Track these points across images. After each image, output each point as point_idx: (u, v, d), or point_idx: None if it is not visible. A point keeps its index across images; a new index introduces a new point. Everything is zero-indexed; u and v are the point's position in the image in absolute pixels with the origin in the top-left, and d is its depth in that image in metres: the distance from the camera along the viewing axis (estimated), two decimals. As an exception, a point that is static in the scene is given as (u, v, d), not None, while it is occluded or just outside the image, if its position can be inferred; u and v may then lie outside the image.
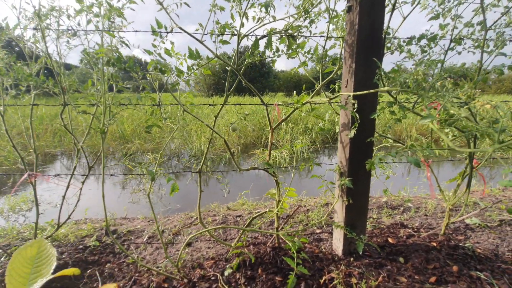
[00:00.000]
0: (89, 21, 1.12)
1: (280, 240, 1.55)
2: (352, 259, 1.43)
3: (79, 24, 1.40)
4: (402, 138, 6.70)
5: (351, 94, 1.27)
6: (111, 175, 1.55)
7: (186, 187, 3.81)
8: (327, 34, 1.46)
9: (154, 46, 1.22)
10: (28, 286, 0.43)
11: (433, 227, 1.85)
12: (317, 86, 1.52)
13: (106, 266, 1.51)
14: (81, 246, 1.69)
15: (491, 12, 1.42)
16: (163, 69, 1.11)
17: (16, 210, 3.06)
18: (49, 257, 0.49)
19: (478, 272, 1.33)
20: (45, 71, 1.48)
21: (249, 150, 5.78)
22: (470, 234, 1.79)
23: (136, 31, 1.34)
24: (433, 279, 1.27)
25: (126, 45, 1.14)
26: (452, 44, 1.45)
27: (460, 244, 1.57)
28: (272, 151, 1.58)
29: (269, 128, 1.46)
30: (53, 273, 0.46)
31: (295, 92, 1.61)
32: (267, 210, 1.46)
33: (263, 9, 1.27)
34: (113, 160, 5.28)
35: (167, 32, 1.24)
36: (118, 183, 3.94)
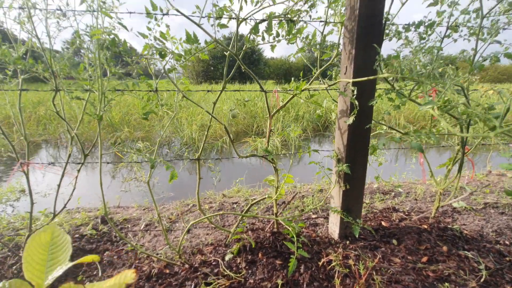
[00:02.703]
0: (83, 0, 1.05)
1: (279, 225, 1.58)
2: (348, 242, 1.48)
3: (67, 4, 1.33)
4: (389, 122, 6.85)
5: (351, 80, 1.28)
6: (108, 163, 1.52)
7: (179, 175, 3.79)
8: (326, 19, 1.44)
9: (149, 29, 1.17)
10: (47, 273, 0.43)
11: (423, 210, 1.93)
12: (314, 72, 1.51)
13: (105, 254, 1.51)
14: (77, 235, 1.67)
15: (484, 0, 1.44)
16: (162, 52, 1.07)
17: (3, 201, 2.97)
18: (64, 244, 0.48)
19: (466, 252, 1.41)
20: (32, 56, 1.40)
21: (241, 138, 5.77)
22: (457, 217, 1.88)
23: (130, 12, 1.28)
24: (425, 259, 1.33)
25: (124, 26, 1.09)
26: (448, 31, 1.46)
27: (449, 226, 1.65)
28: (264, 139, 1.58)
29: (268, 115, 1.46)
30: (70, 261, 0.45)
31: (292, 79, 1.59)
32: (266, 196, 1.48)
33: (263, -8, 1.24)
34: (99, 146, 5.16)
35: (163, 15, 1.20)
36: (108, 172, 3.87)
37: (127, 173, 3.86)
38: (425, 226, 1.60)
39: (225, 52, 1.30)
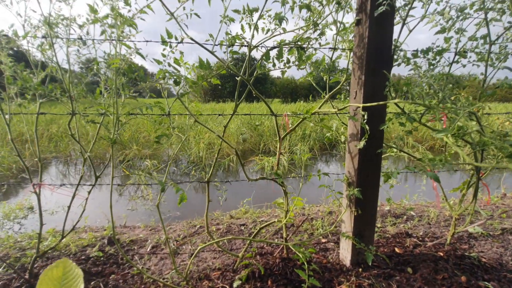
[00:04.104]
0: (103, 32, 1.11)
1: (289, 250, 1.54)
2: (360, 269, 1.43)
3: (87, 33, 1.40)
4: (399, 145, 6.77)
5: (361, 105, 1.28)
6: (119, 185, 1.53)
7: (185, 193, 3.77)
8: (334, 45, 1.47)
9: (164, 55, 1.22)
10: (62, 310, 0.43)
11: (437, 236, 1.87)
12: (323, 96, 1.53)
13: (111, 277, 1.48)
14: (83, 257, 1.65)
15: (491, 26, 1.45)
16: (177, 80, 1.11)
17: (11, 218, 2.98)
18: (76, 278, 0.48)
19: (486, 282, 1.34)
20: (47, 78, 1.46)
21: (247, 156, 5.77)
22: (473, 243, 1.80)
23: (147, 41, 1.34)
24: (442, 290, 1.27)
25: (141, 55, 1.14)
26: (457, 57, 1.48)
27: (466, 254, 1.58)
28: (271, 158, 1.58)
29: (278, 138, 1.46)
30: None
31: (298, 99, 1.61)
32: (276, 220, 1.46)
33: (274, 21, 1.29)
34: (109, 167, 5.21)
35: (178, 43, 1.25)
36: (115, 189, 3.87)
37: (134, 191, 3.87)
38: (441, 254, 1.54)
39: (236, 77, 1.33)
